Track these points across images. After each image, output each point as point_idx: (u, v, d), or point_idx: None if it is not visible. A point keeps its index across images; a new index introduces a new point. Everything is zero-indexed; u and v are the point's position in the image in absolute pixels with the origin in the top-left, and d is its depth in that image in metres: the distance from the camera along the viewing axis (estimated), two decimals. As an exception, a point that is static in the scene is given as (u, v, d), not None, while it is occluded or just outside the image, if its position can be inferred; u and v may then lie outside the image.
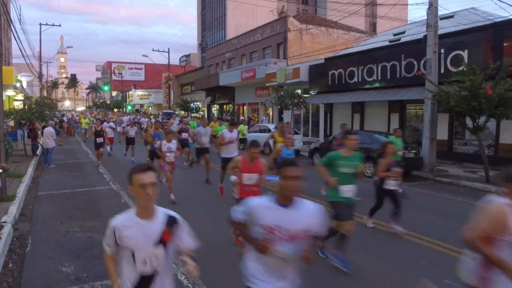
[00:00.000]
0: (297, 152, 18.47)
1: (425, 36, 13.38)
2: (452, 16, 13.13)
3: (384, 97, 17.93)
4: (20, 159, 14.35)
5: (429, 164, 13.36)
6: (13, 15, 30.33)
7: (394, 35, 16.36)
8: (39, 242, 6.00)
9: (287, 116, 26.97)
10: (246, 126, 19.74)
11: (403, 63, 17.10)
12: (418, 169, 12.97)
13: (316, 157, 15.25)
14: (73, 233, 6.43)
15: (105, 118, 28.39)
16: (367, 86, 19.26)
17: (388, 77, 18.01)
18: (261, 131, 19.50)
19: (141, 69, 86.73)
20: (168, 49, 41.32)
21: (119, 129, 23.02)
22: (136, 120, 27.21)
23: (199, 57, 56.79)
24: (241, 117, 26.92)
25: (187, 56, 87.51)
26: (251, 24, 42.28)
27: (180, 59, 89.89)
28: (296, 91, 22.89)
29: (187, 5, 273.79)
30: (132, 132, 15.11)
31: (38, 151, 15.52)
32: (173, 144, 8.91)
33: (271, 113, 29.24)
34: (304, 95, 22.77)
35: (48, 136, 13.64)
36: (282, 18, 28.15)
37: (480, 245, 2.52)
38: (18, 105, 33.33)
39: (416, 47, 16.46)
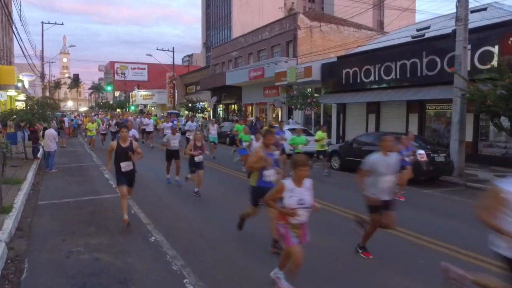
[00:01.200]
0: (310, 154, 17.57)
1: (454, 31, 12.44)
2: (484, 9, 12.21)
3: (404, 96, 16.98)
4: (20, 163, 13.48)
5: (458, 168, 12.42)
6: (15, 14, 29.51)
7: (418, 30, 15.43)
8: (37, 266, 5.09)
9: (297, 116, 26.07)
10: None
11: (425, 60, 16.15)
12: (448, 174, 12.02)
13: (335, 160, 14.32)
14: (77, 254, 5.52)
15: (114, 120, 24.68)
16: (384, 85, 18.32)
17: (408, 75, 17.07)
18: (273, 132, 18.62)
19: (144, 69, 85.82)
20: (173, 48, 40.41)
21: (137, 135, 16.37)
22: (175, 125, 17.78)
23: (203, 56, 55.94)
24: (250, 118, 25.99)
25: (190, 56, 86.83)
26: (257, 23, 41.41)
27: (182, 59, 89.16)
28: (307, 90, 22.00)
29: (190, 5, 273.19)
30: (175, 141, 10.82)
31: (39, 154, 14.65)
32: (309, 192, 4.23)
33: (280, 114, 28.31)
34: (315, 95, 21.87)
35: (50, 139, 12.76)
36: (291, 15, 27.24)
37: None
38: (19, 105, 32.51)
39: (439, 43, 15.54)
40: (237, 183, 11.11)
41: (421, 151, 11.34)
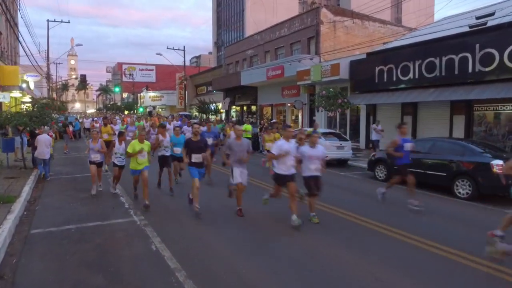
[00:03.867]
0: (344, 161, 15.62)
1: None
2: None
3: (452, 96, 14.94)
4: (17, 173, 11.64)
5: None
6: (20, 16, 27.88)
7: (477, 18, 13.42)
8: None
9: (320, 118, 24.11)
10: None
11: (478, 54, 14.11)
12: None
13: (379, 170, 12.29)
14: (77, 332, 3.61)
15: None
16: (426, 84, 16.29)
17: (456, 72, 15.04)
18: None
19: (152, 70, 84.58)
20: (184, 47, 38.57)
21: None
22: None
23: (214, 56, 54.16)
24: (273, 120, 23.99)
25: (198, 57, 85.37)
26: (271, 20, 39.47)
27: (190, 60, 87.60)
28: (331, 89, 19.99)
29: (198, 7, 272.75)
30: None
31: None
32: None
33: (300, 115, 26.35)
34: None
35: (46, 144, 10.97)
36: (313, 10, 25.28)
37: None
38: (25, 107, 30.93)
39: (497, 34, 13.51)
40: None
41: (499, 161, 9.32)
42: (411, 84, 16.96)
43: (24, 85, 31.49)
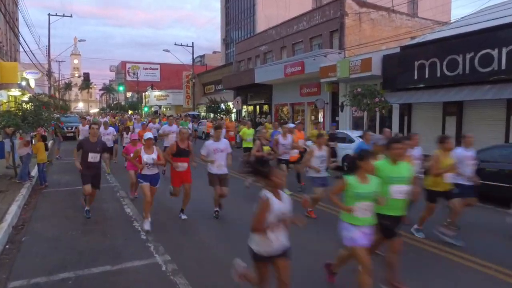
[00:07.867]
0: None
1: None
2: None
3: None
4: (6, 186, 9.58)
5: None
6: (22, 16, 26.02)
7: None
8: None
9: (344, 118, 22.02)
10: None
11: (551, 44, 12.01)
12: None
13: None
14: None
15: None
16: (480, 80, 14.16)
17: (520, 65, 12.93)
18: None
19: (156, 69, 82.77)
20: (192, 43, 36.65)
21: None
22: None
23: (223, 53, 52.11)
24: (297, 121, 21.78)
25: (202, 56, 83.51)
26: (283, 16, 37.35)
27: (194, 59, 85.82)
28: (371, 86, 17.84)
29: (203, 7, 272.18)
30: None
31: (34, 172, 10.78)
32: None
33: (321, 115, 24.24)
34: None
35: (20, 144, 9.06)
36: (337, 1, 23.16)
37: None
38: (17, 105, 28.72)
39: None
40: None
41: None
42: (460, 80, 14.82)
43: (23, 83, 29.62)
